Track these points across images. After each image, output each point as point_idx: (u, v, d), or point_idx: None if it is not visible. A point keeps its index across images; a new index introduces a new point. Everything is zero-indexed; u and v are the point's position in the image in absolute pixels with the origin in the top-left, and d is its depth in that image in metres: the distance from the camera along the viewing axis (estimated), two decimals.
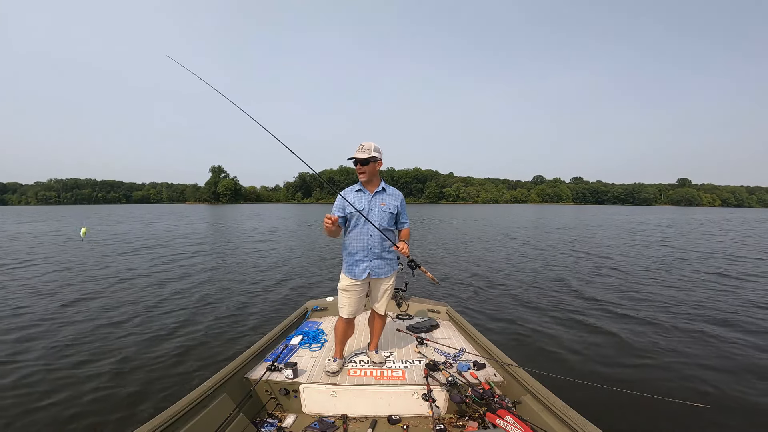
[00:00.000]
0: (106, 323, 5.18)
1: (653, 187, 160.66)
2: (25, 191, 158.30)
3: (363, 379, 2.56)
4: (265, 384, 2.51)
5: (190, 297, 6.60)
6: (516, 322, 5.26)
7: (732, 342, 4.55)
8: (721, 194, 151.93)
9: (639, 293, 6.94)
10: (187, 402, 2.03)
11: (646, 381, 3.65)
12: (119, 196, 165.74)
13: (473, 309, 5.91)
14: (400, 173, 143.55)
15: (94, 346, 4.41)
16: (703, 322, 5.27)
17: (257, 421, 2.30)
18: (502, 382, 2.55)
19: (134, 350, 4.29)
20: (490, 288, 7.36)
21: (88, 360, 4.03)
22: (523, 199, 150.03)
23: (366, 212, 2.54)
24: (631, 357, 4.15)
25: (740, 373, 3.77)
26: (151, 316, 5.48)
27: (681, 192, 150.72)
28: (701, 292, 7.00)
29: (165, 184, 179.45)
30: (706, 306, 6.09)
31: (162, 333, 4.82)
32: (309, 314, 3.95)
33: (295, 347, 3.05)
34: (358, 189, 2.62)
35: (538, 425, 2.03)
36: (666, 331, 4.92)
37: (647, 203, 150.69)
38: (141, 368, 3.84)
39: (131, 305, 6.06)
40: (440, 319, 3.78)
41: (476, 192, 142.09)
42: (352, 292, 2.63)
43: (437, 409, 2.36)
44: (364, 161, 2.50)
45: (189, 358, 4.08)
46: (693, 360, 4.08)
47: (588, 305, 6.14)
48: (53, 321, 5.25)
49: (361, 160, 2.50)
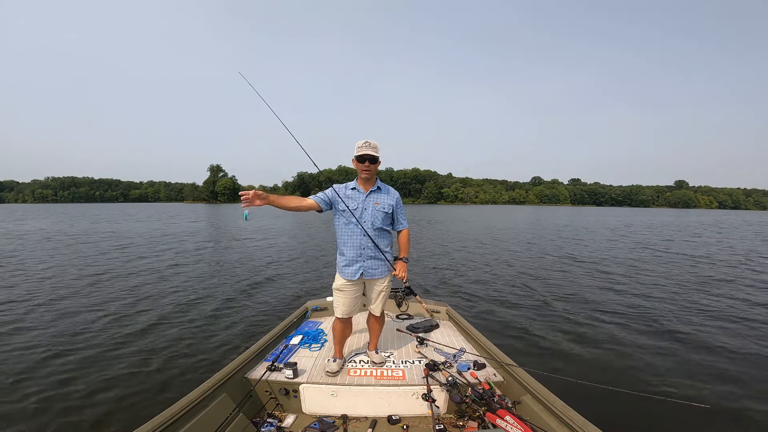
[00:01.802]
0: (104, 323, 5.16)
1: (651, 189, 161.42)
2: (22, 189, 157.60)
3: (363, 379, 2.55)
4: (265, 384, 2.50)
5: (190, 297, 6.58)
6: (516, 322, 5.27)
7: (732, 342, 4.57)
8: (718, 196, 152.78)
9: (639, 294, 6.96)
10: (187, 402, 2.02)
11: (646, 381, 3.65)
12: (116, 194, 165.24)
13: (473, 309, 5.92)
14: (398, 173, 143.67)
15: (91, 346, 4.39)
16: (703, 323, 5.29)
17: (257, 421, 2.30)
18: (502, 382, 2.55)
19: (134, 350, 4.27)
20: (490, 288, 7.37)
21: (88, 360, 4.02)
22: (521, 200, 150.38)
23: (359, 211, 2.50)
24: (631, 357, 4.17)
25: (740, 372, 3.79)
26: (151, 316, 5.46)
27: (678, 194, 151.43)
28: (701, 293, 7.03)
29: (163, 183, 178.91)
30: (706, 306, 6.11)
31: (162, 333, 4.81)
32: (309, 314, 3.94)
33: (295, 347, 3.05)
34: (353, 187, 2.57)
35: (538, 425, 2.03)
36: (666, 332, 4.94)
37: (645, 205, 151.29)
38: (141, 368, 3.82)
39: (131, 305, 6.03)
40: (440, 319, 3.77)
41: (474, 193, 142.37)
42: (346, 292, 2.60)
43: (437, 409, 2.36)
44: (373, 159, 2.45)
45: (189, 358, 4.07)
46: (693, 360, 4.10)
47: (588, 305, 6.16)
48: (49, 313, 5.24)
49: (371, 158, 2.45)
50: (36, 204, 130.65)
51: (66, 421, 2.95)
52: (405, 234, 2.71)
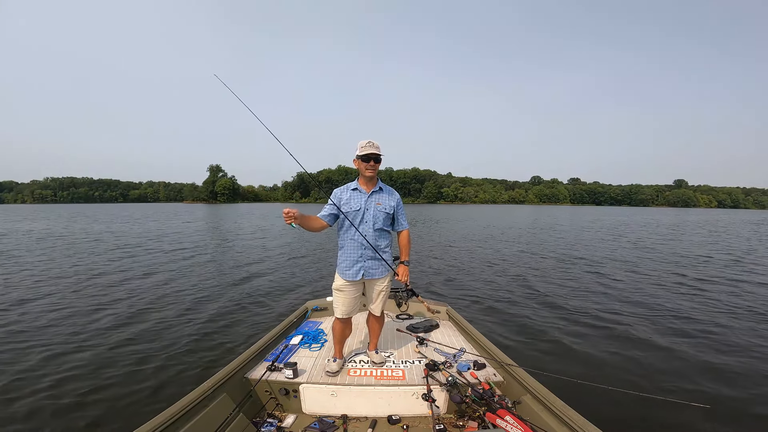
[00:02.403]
0: (103, 323, 5.15)
1: (650, 188, 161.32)
2: (22, 190, 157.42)
3: (363, 379, 2.56)
4: (265, 384, 2.50)
5: (190, 297, 6.57)
6: (516, 322, 5.27)
7: (732, 342, 4.57)
8: (717, 195, 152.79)
9: (639, 294, 6.96)
10: (187, 402, 2.02)
11: (646, 381, 3.65)
12: (116, 194, 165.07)
13: (473, 309, 5.92)
14: (398, 173, 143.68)
15: (91, 346, 4.38)
16: (703, 323, 5.29)
17: (257, 421, 2.30)
18: (502, 382, 2.55)
19: (133, 349, 4.27)
20: (490, 288, 7.37)
21: (87, 360, 4.01)
22: (520, 199, 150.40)
23: (361, 212, 2.51)
24: (631, 357, 4.16)
25: (740, 372, 3.79)
26: (151, 316, 5.46)
27: (677, 193, 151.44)
28: (701, 293, 7.04)
29: (162, 183, 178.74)
30: (706, 307, 6.12)
31: (161, 333, 4.80)
32: (309, 314, 3.94)
33: (295, 347, 3.05)
34: (355, 188, 2.57)
35: (538, 425, 2.03)
36: (666, 331, 4.94)
37: (644, 204, 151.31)
38: (140, 368, 3.82)
39: (130, 305, 6.02)
40: (440, 319, 3.78)
41: (474, 192, 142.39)
42: (346, 293, 2.61)
43: (437, 409, 2.36)
44: (377, 158, 2.46)
45: (189, 358, 4.06)
46: (693, 360, 4.10)
47: (588, 305, 6.15)
48: (49, 313, 5.23)
49: (375, 157, 2.45)
50: (35, 204, 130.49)
51: (66, 422, 2.94)
52: (405, 235, 2.71)
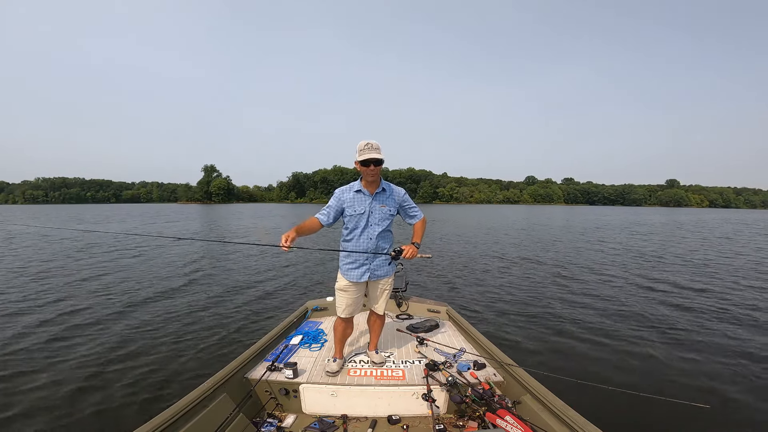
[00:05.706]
0: (102, 324, 5.10)
1: (643, 188, 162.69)
2: (13, 190, 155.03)
3: (363, 379, 2.55)
4: (265, 384, 2.49)
5: (190, 297, 6.53)
6: (516, 322, 5.30)
7: (732, 342, 4.62)
8: (708, 195, 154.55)
9: (639, 294, 7.03)
10: (187, 402, 2.01)
11: (646, 381, 3.68)
12: (108, 195, 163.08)
13: (473, 309, 5.94)
14: (394, 173, 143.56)
15: (90, 346, 4.34)
16: (703, 323, 5.35)
17: (257, 421, 2.29)
18: (502, 382, 2.56)
19: (133, 349, 4.24)
20: (490, 288, 7.40)
21: (86, 360, 3.97)
22: (515, 199, 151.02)
23: (366, 215, 2.48)
24: (630, 357, 4.20)
25: (740, 372, 3.83)
26: (150, 316, 5.42)
27: (670, 193, 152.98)
28: (700, 294, 7.11)
29: (155, 184, 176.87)
30: (706, 306, 6.18)
31: (161, 333, 4.77)
32: (309, 314, 3.93)
33: (295, 347, 3.04)
34: (358, 189, 2.51)
35: (538, 425, 2.04)
36: (666, 331, 4.98)
37: (637, 204, 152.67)
38: (140, 368, 3.79)
39: (129, 305, 5.98)
40: (440, 319, 3.78)
41: (470, 192, 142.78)
42: (349, 293, 2.60)
43: (437, 409, 2.36)
44: (378, 161, 2.37)
45: (189, 358, 4.05)
46: (693, 360, 4.13)
47: (587, 305, 6.21)
48: (47, 313, 5.16)
49: (375, 161, 2.35)
50: (26, 205, 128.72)
51: (65, 422, 2.92)
52: (420, 224, 2.66)
